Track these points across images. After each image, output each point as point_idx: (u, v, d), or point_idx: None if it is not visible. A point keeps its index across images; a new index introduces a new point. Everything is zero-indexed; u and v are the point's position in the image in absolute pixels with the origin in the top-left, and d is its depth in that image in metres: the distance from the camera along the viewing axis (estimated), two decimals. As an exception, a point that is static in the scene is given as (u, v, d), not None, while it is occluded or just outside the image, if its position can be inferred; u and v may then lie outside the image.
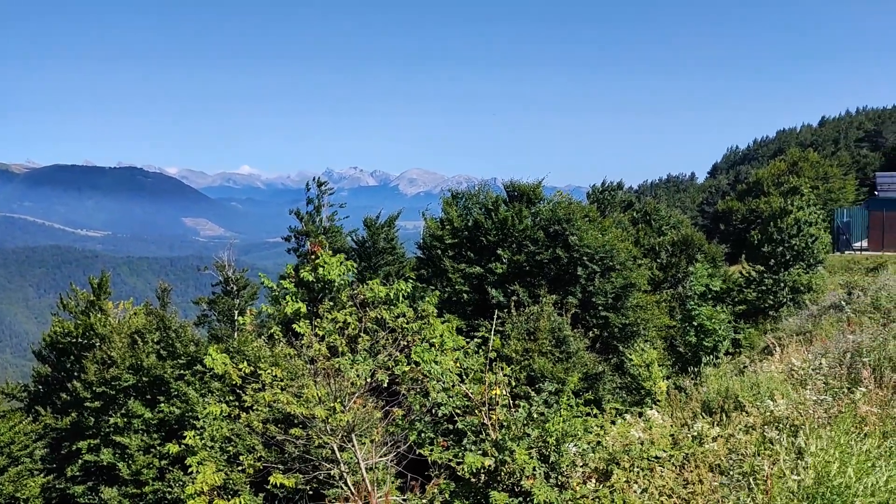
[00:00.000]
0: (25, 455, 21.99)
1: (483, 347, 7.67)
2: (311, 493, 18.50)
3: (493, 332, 6.81)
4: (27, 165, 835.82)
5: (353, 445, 13.13)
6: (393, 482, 15.67)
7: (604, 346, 28.92)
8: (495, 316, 8.63)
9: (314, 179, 37.44)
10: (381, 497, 13.15)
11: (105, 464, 23.71)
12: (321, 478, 15.78)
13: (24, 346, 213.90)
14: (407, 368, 9.49)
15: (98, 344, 25.77)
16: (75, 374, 25.76)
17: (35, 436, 22.83)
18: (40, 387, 28.08)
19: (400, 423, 9.07)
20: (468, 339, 8.66)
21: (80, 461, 24.04)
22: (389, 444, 14.33)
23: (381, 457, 14.17)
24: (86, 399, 24.45)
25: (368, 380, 12.36)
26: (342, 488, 14.75)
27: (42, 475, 22.49)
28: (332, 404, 10.61)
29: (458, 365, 7.43)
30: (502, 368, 7.28)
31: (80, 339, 26.37)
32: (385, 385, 13.77)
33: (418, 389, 10.09)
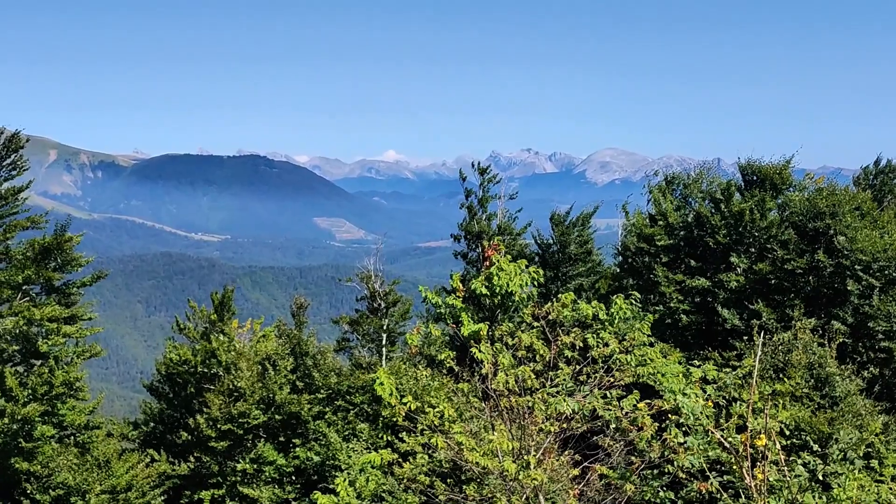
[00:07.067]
0: (143, 504, 24.02)
1: (747, 381, 7.42)
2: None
3: (757, 359, 6.54)
4: (135, 156, 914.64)
5: (541, 510, 13.21)
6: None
7: (886, 388, 27.24)
8: (761, 340, 8.29)
9: (474, 166, 37.67)
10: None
11: (231, 520, 25.46)
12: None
13: (132, 374, 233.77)
14: (642, 404, 9.27)
15: (222, 374, 27.66)
16: (196, 409, 27.81)
17: (151, 482, 24.85)
18: (154, 425, 30.54)
19: (626, 475, 8.94)
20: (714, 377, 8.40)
21: (202, 515, 25.97)
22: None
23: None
24: (210, 438, 26.34)
25: (564, 426, 12.38)
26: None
27: (161, 530, 24.47)
28: (524, 457, 10.70)
29: (709, 403, 7.22)
30: (775, 412, 7.01)
31: (199, 369, 28.38)
32: (582, 433, 13.73)
33: (633, 438, 9.96)
